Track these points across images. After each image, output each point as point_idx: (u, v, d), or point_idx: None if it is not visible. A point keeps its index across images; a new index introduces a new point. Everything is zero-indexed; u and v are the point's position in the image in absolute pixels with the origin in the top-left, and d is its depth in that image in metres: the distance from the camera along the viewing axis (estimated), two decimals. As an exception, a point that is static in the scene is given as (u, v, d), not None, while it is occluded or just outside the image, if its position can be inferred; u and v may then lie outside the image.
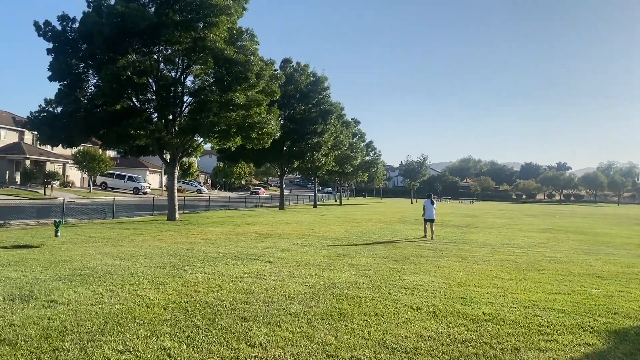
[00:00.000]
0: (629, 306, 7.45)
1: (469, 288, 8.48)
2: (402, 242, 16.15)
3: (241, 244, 14.08)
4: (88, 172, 50.20)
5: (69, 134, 21.72)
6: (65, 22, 21.57)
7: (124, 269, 9.25)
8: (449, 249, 14.58)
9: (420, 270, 10.29)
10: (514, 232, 22.66)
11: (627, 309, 7.29)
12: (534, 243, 17.56)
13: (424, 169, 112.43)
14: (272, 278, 8.78)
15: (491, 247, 15.76)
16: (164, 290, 7.49)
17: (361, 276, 9.31)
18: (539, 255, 13.71)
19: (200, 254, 11.76)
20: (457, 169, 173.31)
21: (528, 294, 8.18)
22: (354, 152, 54.15)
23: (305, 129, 36.91)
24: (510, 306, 7.22)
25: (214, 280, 8.43)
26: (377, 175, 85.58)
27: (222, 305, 6.66)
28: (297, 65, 36.86)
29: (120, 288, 7.57)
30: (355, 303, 7.06)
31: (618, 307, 7.40)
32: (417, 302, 7.24)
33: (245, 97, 21.06)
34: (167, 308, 6.47)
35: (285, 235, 17.18)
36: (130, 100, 22.80)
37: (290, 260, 11.05)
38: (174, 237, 15.74)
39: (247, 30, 22.00)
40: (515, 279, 9.54)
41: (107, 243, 13.67)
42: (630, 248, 16.85)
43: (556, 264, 11.92)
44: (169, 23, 20.11)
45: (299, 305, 6.80)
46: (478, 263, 11.73)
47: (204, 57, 21.22)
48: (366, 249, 14.02)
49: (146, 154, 25.39)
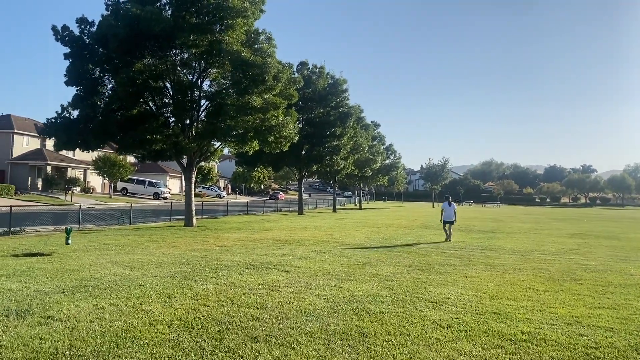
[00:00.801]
0: (684, 323, 6.68)
1: (502, 301, 7.78)
2: (425, 249, 15.43)
3: (257, 251, 13.53)
4: (108, 177, 50.36)
5: (85, 139, 21.48)
6: (83, 25, 21.37)
7: (132, 280, 8.76)
8: (475, 256, 13.83)
9: (447, 280, 9.59)
10: (542, 237, 21.72)
11: (683, 326, 6.52)
12: (564, 249, 16.68)
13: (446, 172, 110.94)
14: (288, 290, 8.18)
15: (520, 253, 14.95)
16: (170, 304, 6.95)
17: (384, 287, 8.66)
18: (572, 263, 12.89)
19: (214, 262, 11.24)
20: (479, 172, 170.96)
21: (568, 308, 7.44)
22: (373, 156, 53.37)
23: (323, 132, 36.33)
24: (551, 323, 6.50)
25: (225, 292, 7.87)
26: (398, 178, 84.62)
27: (232, 323, 6.08)
28: (313, 67, 36.36)
29: (125, 302, 7.06)
30: (378, 320, 6.42)
31: (672, 324, 6.63)
32: (446, 319, 6.57)
33: (262, 100, 20.57)
34: (171, 325, 5.92)
35: (303, 242, 16.60)
36: (146, 105, 22.49)
37: (307, 270, 10.45)
38: (189, 243, 15.28)
39: (264, 33, 21.56)
40: (552, 291, 8.80)
41: (120, 251, 13.25)
42: (669, 255, 15.86)
43: (593, 273, 11.11)
44: (184, 26, 19.76)
45: (316, 323, 6.20)
46: (508, 272, 10.98)
47: (221, 60, 20.81)
48: (388, 256, 13.35)
49: (164, 159, 25.09)
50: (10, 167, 48.06)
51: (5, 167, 47.81)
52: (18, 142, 49.21)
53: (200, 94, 22.43)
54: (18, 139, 49.19)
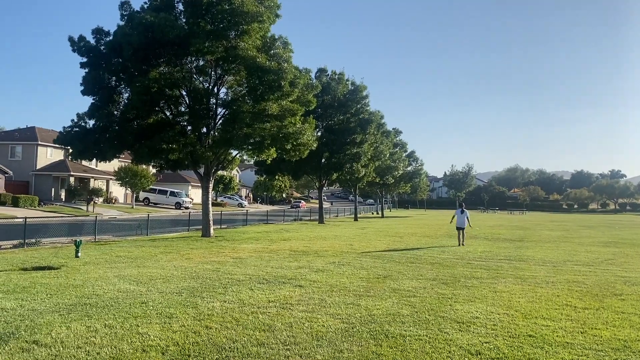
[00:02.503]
0: None
1: (537, 321, 6.99)
2: (450, 260, 14.61)
3: (272, 264, 12.92)
4: (130, 188, 50.55)
5: (101, 149, 21.26)
6: (99, 35, 21.21)
7: (135, 297, 8.21)
8: (504, 268, 12.99)
9: (474, 296, 8.81)
10: (574, 246, 20.64)
11: None
12: (599, 259, 15.68)
13: (470, 179, 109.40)
14: (300, 308, 7.53)
15: (552, 264, 14.03)
16: (169, 326, 6.35)
17: (405, 305, 7.94)
18: (610, 275, 11.95)
19: (225, 276, 10.65)
20: (504, 178, 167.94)
21: (613, 329, 6.63)
22: (395, 163, 52.48)
23: (343, 139, 35.66)
24: (596, 349, 5.71)
25: (231, 311, 7.25)
26: (420, 186, 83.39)
27: (233, 349, 5.45)
28: (332, 74, 35.81)
29: (121, 323, 6.49)
30: (398, 345, 5.72)
31: None
32: (475, 344, 5.83)
33: (279, 107, 20.06)
34: (165, 352, 5.32)
35: (321, 253, 15.93)
36: (162, 113, 22.19)
37: (323, 284, 9.78)
38: (204, 255, 14.74)
39: (281, 38, 21.08)
40: (592, 308, 7.96)
41: (131, 264, 12.78)
42: None
43: (635, 287, 10.20)
44: (199, 32, 19.40)
45: (328, 349, 5.52)
46: (541, 286, 10.14)
47: (237, 66, 20.39)
48: (410, 268, 12.60)
49: (182, 168, 24.74)
50: (35, 179, 48.53)
51: (30, 179, 48.30)
52: (42, 153, 49.74)
53: (216, 102, 22.03)
54: (42, 151, 49.72)
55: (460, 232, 20.20)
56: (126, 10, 21.06)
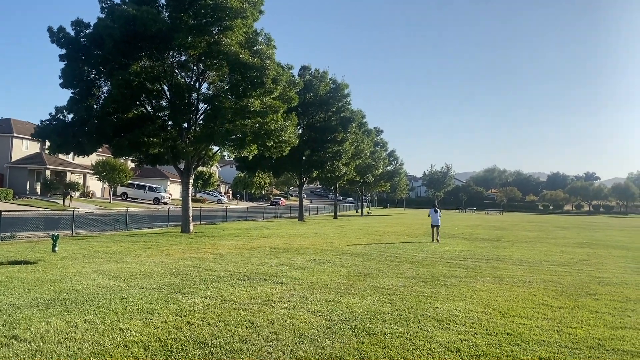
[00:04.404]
0: None
1: (515, 320, 7.14)
2: (429, 259, 14.77)
3: (253, 260, 12.91)
4: (108, 182, 49.84)
5: (79, 143, 20.91)
6: (78, 27, 20.85)
7: (115, 292, 8.15)
8: (482, 267, 13.19)
9: (453, 295, 8.95)
10: (550, 246, 21.03)
11: None
12: (574, 260, 16.02)
13: (448, 179, 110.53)
14: (282, 305, 7.56)
15: (528, 264, 14.30)
16: (151, 322, 6.33)
17: (385, 303, 8.03)
18: (584, 275, 12.23)
19: (206, 272, 10.61)
20: (482, 179, 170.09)
21: (587, 328, 6.80)
22: (375, 162, 52.71)
23: (325, 138, 35.73)
24: (571, 347, 5.87)
25: (213, 307, 7.25)
26: (400, 185, 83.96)
27: (216, 345, 5.46)
28: (315, 72, 35.81)
29: (102, 318, 6.44)
30: (379, 342, 5.79)
31: None
32: (454, 341, 5.93)
33: (260, 104, 20.00)
34: (148, 348, 5.30)
35: (302, 250, 15.96)
36: (143, 108, 21.93)
37: (304, 281, 9.82)
38: (183, 251, 14.66)
39: (263, 34, 21.02)
40: (567, 307, 8.15)
41: (110, 259, 12.64)
42: (684, 266, 15.18)
43: (608, 287, 10.46)
44: (182, 27, 19.23)
45: (310, 345, 5.57)
46: (518, 285, 10.34)
47: (219, 62, 20.26)
48: (390, 266, 12.71)
49: (161, 163, 24.50)
50: (9, 171, 47.52)
51: (4, 171, 47.26)
52: (17, 146, 48.71)
53: (198, 97, 21.87)
54: (17, 143, 48.68)
55: (435, 229, 21.64)
56: (106, 3, 20.70)
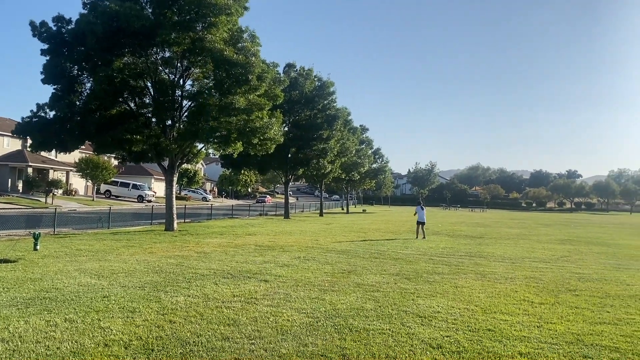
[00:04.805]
0: (694, 342, 6.15)
1: (496, 316, 7.21)
2: (413, 255, 14.85)
3: (237, 258, 12.87)
4: (91, 180, 49.30)
5: (62, 140, 20.67)
6: (60, 23, 20.57)
7: (97, 291, 8.07)
8: (465, 264, 13.30)
9: (436, 291, 9.01)
10: (532, 243, 21.28)
11: (693, 346, 5.99)
12: (555, 256, 16.22)
13: (433, 176, 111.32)
14: (265, 302, 7.55)
15: (511, 261, 14.45)
16: (132, 321, 6.28)
17: (369, 299, 8.06)
18: (565, 272, 12.39)
19: (189, 270, 10.56)
20: (466, 176, 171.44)
21: (567, 323, 6.90)
22: (360, 159, 52.84)
23: (310, 135, 35.73)
24: (550, 342, 5.94)
25: (196, 305, 7.22)
26: (385, 182, 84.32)
27: (198, 343, 5.44)
28: (301, 69, 35.76)
29: (82, 317, 6.38)
30: (362, 339, 5.81)
31: (680, 343, 6.10)
32: (436, 337, 5.98)
33: (245, 101, 19.92)
34: (128, 347, 5.26)
35: (287, 248, 15.95)
36: (126, 104, 21.72)
37: (288, 279, 9.81)
38: (167, 249, 14.56)
39: (248, 30, 20.92)
40: (547, 303, 8.26)
41: (92, 257, 12.51)
42: (663, 262, 15.47)
43: (588, 283, 10.61)
44: (166, 23, 19.07)
45: (292, 343, 5.57)
46: (500, 282, 10.44)
47: (203, 59, 20.13)
48: (374, 263, 12.76)
49: (145, 161, 24.29)
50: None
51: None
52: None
53: (182, 94, 21.71)
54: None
55: (421, 227, 21.96)
56: (88, -2, 20.47)
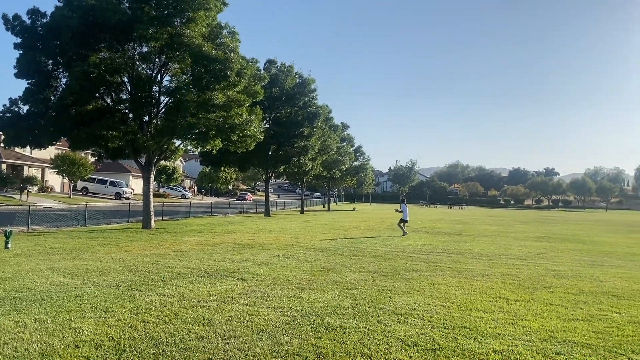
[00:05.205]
0: (663, 338, 6.26)
1: (472, 313, 7.25)
2: (392, 253, 14.90)
3: (215, 257, 12.75)
4: (68, 177, 48.45)
5: (35, 135, 20.28)
6: (35, 16, 20.13)
7: (69, 290, 7.91)
8: (442, 261, 13.38)
9: (413, 288, 9.04)
10: (509, 240, 21.54)
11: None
12: (532, 253, 16.43)
13: (413, 174, 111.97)
14: (241, 302, 7.48)
15: (488, 258, 14.58)
16: (105, 321, 6.16)
17: (346, 297, 8.05)
18: (541, 269, 12.55)
19: (165, 269, 10.42)
20: (446, 174, 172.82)
21: (541, 320, 6.97)
22: (341, 157, 52.90)
23: (291, 132, 35.60)
24: (524, 339, 5.99)
25: (170, 305, 7.12)
26: (366, 180, 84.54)
27: (171, 343, 5.35)
28: (282, 66, 35.58)
29: (53, 317, 6.24)
30: (338, 337, 5.79)
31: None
32: (412, 335, 5.98)
33: (224, 97, 19.76)
34: (99, 347, 5.15)
35: (266, 246, 15.87)
36: (103, 100, 21.38)
37: (266, 277, 9.75)
38: (143, 248, 14.37)
39: (227, 27, 20.77)
40: (523, 300, 8.34)
41: (66, 256, 12.28)
42: (635, 259, 15.77)
43: (563, 280, 10.75)
44: (143, 18, 18.80)
45: (268, 342, 5.52)
46: (477, 278, 10.53)
47: (181, 54, 19.90)
48: (353, 261, 12.76)
49: (122, 157, 23.97)
50: (-38, 165, 45.72)
51: (-44, 165, 45.46)
52: (-30, 138, 46.89)
53: (160, 90, 21.44)
54: (-30, 136, 46.86)
55: (404, 224, 22.48)
56: (64, -9, 20.08)
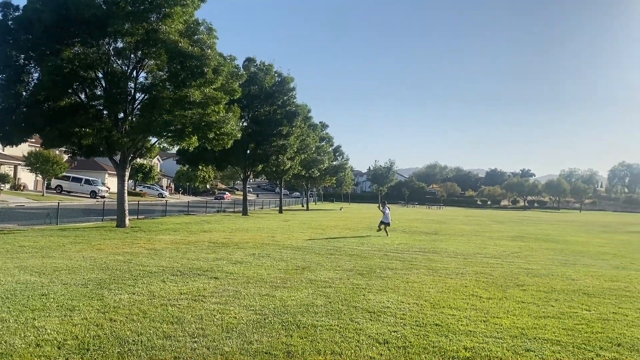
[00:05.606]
0: (631, 334, 6.34)
1: (444, 311, 7.27)
2: (368, 251, 14.90)
3: (189, 255, 12.58)
4: (41, 174, 47.48)
5: (6, 132, 19.78)
6: (6, 9, 19.64)
7: (36, 289, 7.70)
8: (418, 259, 13.43)
9: (387, 286, 9.03)
10: (484, 240, 21.75)
11: (630, 338, 6.18)
12: (506, 252, 16.60)
13: (392, 174, 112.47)
14: (213, 300, 7.37)
15: (463, 257, 14.68)
16: (70, 319, 6.00)
17: (320, 295, 7.99)
18: (514, 267, 12.68)
19: (137, 267, 10.23)
20: (424, 174, 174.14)
21: (512, 318, 7.01)
22: (320, 156, 52.83)
23: (269, 131, 35.41)
24: (495, 336, 6.01)
25: (140, 303, 6.97)
26: (345, 180, 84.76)
27: (137, 342, 5.23)
28: (261, 64, 35.38)
29: (16, 316, 6.05)
30: (309, 335, 5.73)
31: (619, 335, 6.29)
32: (383, 333, 5.95)
33: (201, 94, 19.52)
34: (62, 347, 5.01)
35: (242, 245, 15.73)
36: (76, 96, 20.93)
37: (240, 276, 9.64)
38: (116, 246, 14.11)
39: (205, 23, 20.51)
40: (495, 298, 8.39)
41: (36, 254, 11.98)
42: (606, 258, 16.06)
43: (535, 278, 10.87)
44: (118, 13, 18.45)
45: (237, 340, 5.43)
46: (451, 277, 10.57)
47: (157, 51, 19.60)
48: (329, 260, 12.72)
49: (96, 155, 23.50)
50: None
51: None
52: (-61, 134, 45.60)
53: (135, 86, 21.09)
54: (-61, 131, 45.56)
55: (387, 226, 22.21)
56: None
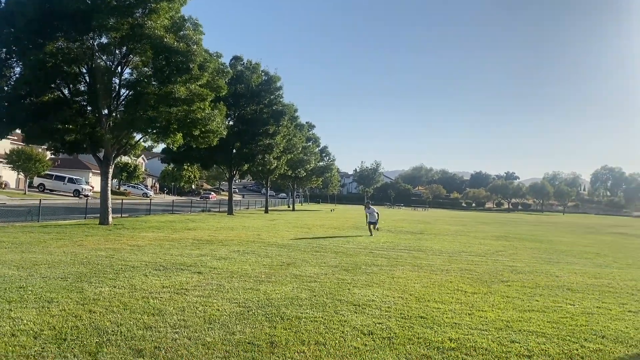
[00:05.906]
0: (614, 327, 6.36)
1: (430, 304, 7.23)
2: (354, 249, 14.86)
3: (173, 252, 12.42)
4: (24, 172, 46.75)
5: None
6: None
7: (13, 282, 7.51)
8: (403, 257, 13.41)
9: (373, 281, 8.98)
10: (469, 239, 21.83)
11: (613, 330, 6.19)
12: (491, 251, 16.67)
13: (378, 175, 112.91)
14: (195, 293, 7.25)
15: (448, 254, 14.70)
16: (48, 311, 5.85)
17: (304, 289, 7.91)
18: (499, 265, 12.71)
19: (119, 262, 10.06)
20: (410, 176, 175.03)
21: (498, 311, 6.99)
22: (307, 156, 52.77)
23: (256, 130, 35.22)
24: (480, 328, 5.98)
25: (120, 296, 6.83)
26: (332, 181, 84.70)
27: (117, 333, 5.10)
28: (248, 63, 35.20)
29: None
30: (292, 327, 5.65)
31: (602, 327, 6.30)
32: (368, 324, 5.89)
33: (186, 91, 19.34)
34: (38, 337, 4.87)
35: (226, 242, 15.59)
36: (59, 91, 20.61)
37: (224, 271, 9.52)
38: (98, 242, 13.89)
39: (191, 19, 20.32)
40: (480, 293, 8.38)
41: (15, 249, 11.73)
42: (590, 257, 16.19)
43: (520, 275, 10.90)
44: (103, 7, 18.20)
45: (219, 331, 5.33)
46: (436, 273, 10.56)
47: (143, 46, 19.37)
48: (314, 256, 12.64)
49: (79, 151, 23.18)
50: None
51: None
52: None
53: (120, 82, 20.82)
54: None
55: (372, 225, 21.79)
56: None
